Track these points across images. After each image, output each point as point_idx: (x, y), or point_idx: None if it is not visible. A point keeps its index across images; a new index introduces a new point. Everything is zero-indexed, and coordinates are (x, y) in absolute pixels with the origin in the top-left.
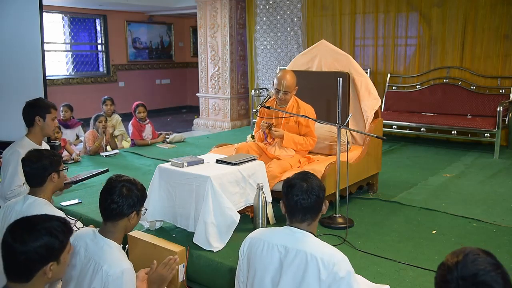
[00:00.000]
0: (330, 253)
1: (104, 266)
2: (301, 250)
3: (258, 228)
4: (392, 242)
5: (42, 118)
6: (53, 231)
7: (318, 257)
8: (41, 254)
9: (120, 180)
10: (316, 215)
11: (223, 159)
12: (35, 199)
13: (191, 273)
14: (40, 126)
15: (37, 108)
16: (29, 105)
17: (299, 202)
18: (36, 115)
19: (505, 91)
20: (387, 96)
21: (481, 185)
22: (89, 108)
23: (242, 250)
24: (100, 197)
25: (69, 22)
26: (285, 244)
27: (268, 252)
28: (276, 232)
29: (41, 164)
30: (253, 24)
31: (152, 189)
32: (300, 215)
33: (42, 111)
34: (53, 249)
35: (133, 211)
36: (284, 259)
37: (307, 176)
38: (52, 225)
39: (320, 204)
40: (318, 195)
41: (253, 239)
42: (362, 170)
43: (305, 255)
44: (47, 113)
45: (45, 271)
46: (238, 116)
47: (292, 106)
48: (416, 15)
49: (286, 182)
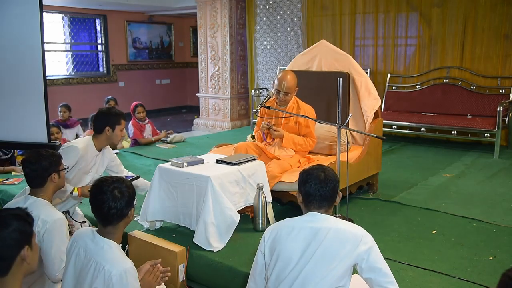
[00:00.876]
0: (354, 228)
1: (106, 266)
2: (331, 227)
3: (258, 228)
4: (392, 242)
5: (112, 129)
6: (19, 217)
7: (347, 230)
8: (15, 239)
9: (108, 184)
10: (332, 203)
11: (223, 159)
12: (36, 200)
13: (191, 273)
14: (108, 135)
15: (110, 118)
16: (103, 114)
17: (318, 190)
18: (107, 125)
19: (505, 91)
20: (387, 96)
21: (481, 185)
22: (89, 108)
23: (262, 242)
24: (95, 206)
25: (69, 22)
26: (311, 225)
27: (297, 234)
28: (300, 219)
29: (41, 165)
30: (253, 24)
31: (152, 189)
32: (317, 202)
33: (113, 121)
34: (25, 232)
35: (131, 208)
36: (315, 237)
37: (323, 167)
38: (16, 212)
39: (335, 194)
40: (334, 184)
41: (278, 225)
42: (362, 170)
43: (337, 230)
44: (117, 124)
45: (22, 257)
46: (238, 116)
47: (292, 107)
48: (416, 15)
49: (304, 172)
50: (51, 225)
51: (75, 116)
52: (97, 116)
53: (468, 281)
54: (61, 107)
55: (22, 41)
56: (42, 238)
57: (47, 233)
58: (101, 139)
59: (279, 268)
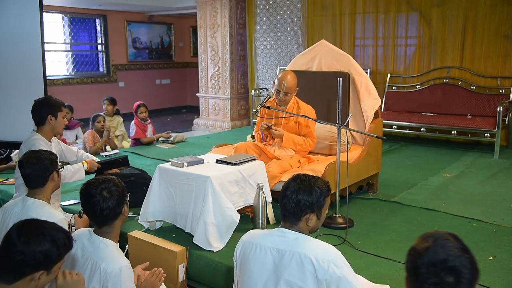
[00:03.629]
0: (324, 252)
1: (102, 264)
2: (295, 252)
3: (258, 228)
4: (392, 242)
5: (54, 117)
6: (56, 241)
7: (312, 257)
8: (37, 260)
9: (96, 187)
10: (296, 219)
11: (223, 159)
12: (34, 201)
13: (191, 273)
14: (52, 124)
15: (49, 107)
16: (40, 103)
17: (281, 202)
18: (48, 114)
19: (505, 91)
20: (387, 96)
21: (481, 185)
22: (89, 108)
23: (235, 254)
24: (87, 210)
25: (69, 22)
26: (277, 247)
27: (260, 256)
28: (268, 235)
29: (43, 165)
30: (253, 24)
31: (152, 189)
32: (283, 216)
33: (54, 109)
34: (50, 258)
35: (123, 205)
36: (279, 263)
37: (301, 177)
38: (58, 235)
39: (300, 209)
40: (305, 199)
41: (245, 242)
42: (362, 170)
43: (299, 256)
44: (59, 111)
45: (33, 277)
46: (238, 116)
47: (293, 107)
48: (416, 15)
49: (285, 184)
50: None
51: (75, 116)
52: (35, 107)
53: None
54: None
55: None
56: None
57: None
58: (45, 130)
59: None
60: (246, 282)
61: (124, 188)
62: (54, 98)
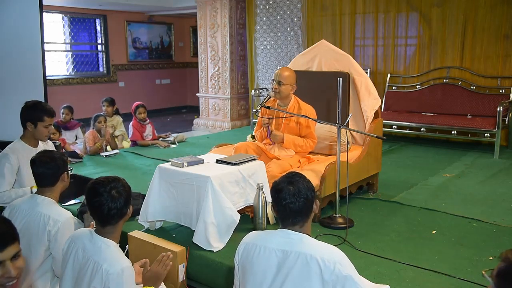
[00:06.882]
0: (329, 252)
1: (103, 265)
2: (301, 252)
3: (259, 228)
4: (392, 242)
5: (34, 125)
6: None
7: (318, 258)
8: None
9: (105, 185)
10: (307, 216)
11: (223, 159)
12: (44, 199)
13: (191, 273)
14: (31, 131)
15: (30, 114)
16: (25, 107)
17: (288, 207)
18: (27, 121)
19: (505, 91)
20: (387, 96)
21: (481, 185)
22: (89, 108)
23: (237, 256)
24: (93, 208)
25: (69, 22)
26: (282, 248)
27: (265, 257)
28: (271, 236)
29: (56, 164)
30: (253, 24)
31: (152, 189)
32: (290, 219)
33: (34, 117)
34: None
35: (129, 205)
36: (284, 263)
37: (293, 178)
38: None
39: (309, 205)
40: (307, 197)
41: (248, 244)
42: (362, 170)
43: (305, 257)
44: (39, 121)
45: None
46: (238, 116)
47: (293, 107)
48: (416, 15)
49: (274, 187)
50: (62, 224)
51: (74, 116)
52: (21, 110)
53: (468, 281)
54: (63, 109)
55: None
56: (54, 237)
57: (59, 232)
58: (27, 135)
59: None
60: (251, 284)
61: (130, 189)
62: (43, 105)
